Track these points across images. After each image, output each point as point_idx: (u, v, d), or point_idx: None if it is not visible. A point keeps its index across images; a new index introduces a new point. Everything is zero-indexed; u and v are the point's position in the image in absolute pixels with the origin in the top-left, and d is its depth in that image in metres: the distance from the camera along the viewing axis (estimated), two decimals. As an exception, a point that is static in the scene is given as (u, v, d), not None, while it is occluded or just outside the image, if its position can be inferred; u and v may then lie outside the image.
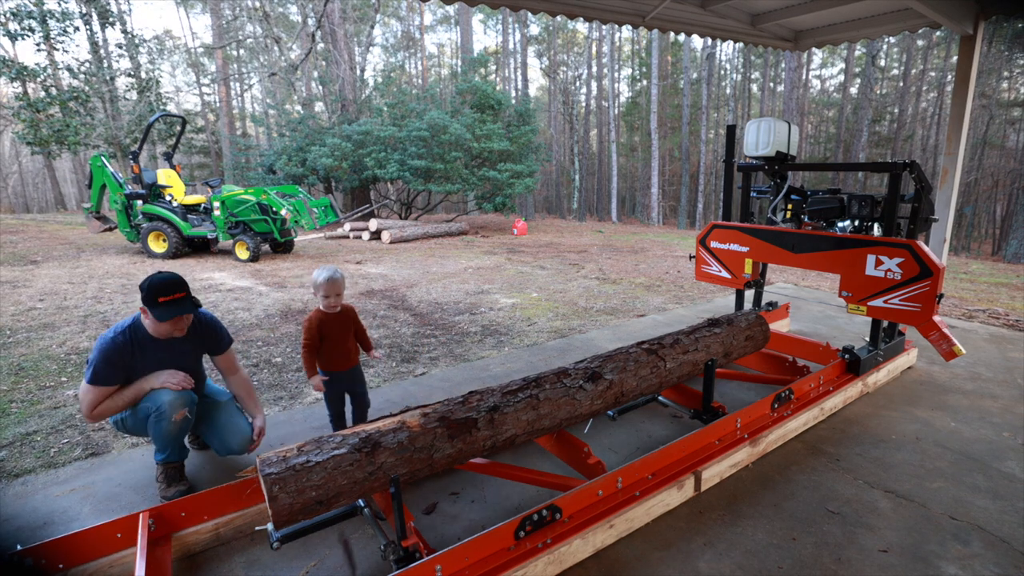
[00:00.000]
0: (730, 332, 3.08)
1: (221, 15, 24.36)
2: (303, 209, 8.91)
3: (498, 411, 2.12)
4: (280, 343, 4.61)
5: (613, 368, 2.51)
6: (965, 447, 2.78)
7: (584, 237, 13.98)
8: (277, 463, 1.71)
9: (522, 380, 2.35)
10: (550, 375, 2.40)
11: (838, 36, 5.26)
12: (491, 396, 2.19)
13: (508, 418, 2.13)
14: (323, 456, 1.75)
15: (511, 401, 2.18)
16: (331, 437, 1.85)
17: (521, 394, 2.23)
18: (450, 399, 2.18)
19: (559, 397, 2.29)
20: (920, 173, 3.16)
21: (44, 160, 23.09)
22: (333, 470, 1.74)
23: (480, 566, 1.79)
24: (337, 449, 1.78)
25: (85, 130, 16.12)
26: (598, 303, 6.02)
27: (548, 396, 2.27)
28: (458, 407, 2.09)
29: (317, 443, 1.82)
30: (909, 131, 26.66)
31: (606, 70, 27.80)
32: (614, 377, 2.48)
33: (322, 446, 1.80)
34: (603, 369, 2.48)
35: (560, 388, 2.32)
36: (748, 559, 1.99)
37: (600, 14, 4.33)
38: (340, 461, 1.76)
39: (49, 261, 8.72)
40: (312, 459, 1.73)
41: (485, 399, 2.17)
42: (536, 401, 2.23)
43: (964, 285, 7.48)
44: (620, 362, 2.56)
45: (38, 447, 2.86)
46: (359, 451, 1.80)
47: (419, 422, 1.97)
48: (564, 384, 2.34)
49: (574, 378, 2.39)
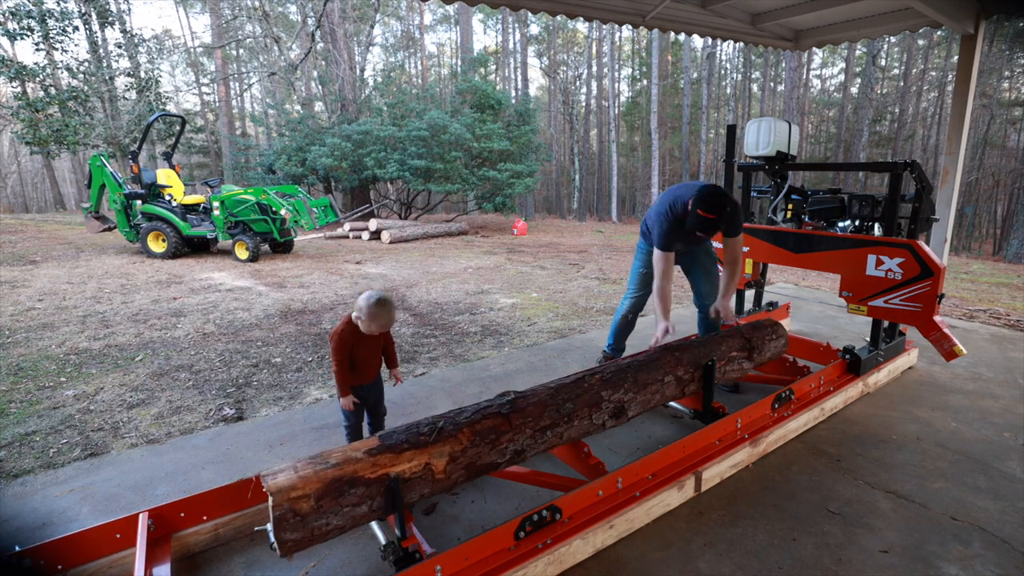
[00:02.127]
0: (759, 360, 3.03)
1: (220, 15, 24.33)
2: (303, 209, 8.90)
3: (522, 454, 2.06)
4: (280, 343, 4.60)
5: (641, 403, 2.44)
6: (966, 447, 2.77)
7: (584, 237, 13.97)
8: (295, 525, 1.57)
9: (555, 412, 2.16)
10: (583, 408, 2.24)
11: (839, 36, 5.25)
12: (521, 436, 2.04)
13: (527, 452, 2.08)
14: (343, 519, 1.66)
15: (539, 440, 2.09)
16: (352, 486, 1.67)
17: (550, 432, 2.12)
18: (480, 433, 1.96)
19: (582, 429, 2.25)
20: (921, 173, 3.15)
21: (43, 160, 23.10)
22: (349, 521, 1.69)
23: (480, 566, 1.79)
24: (357, 507, 1.69)
25: (84, 130, 16.10)
26: (598, 303, 6.02)
27: (572, 432, 2.22)
28: (487, 450, 1.96)
29: (336, 496, 1.64)
30: (910, 131, 26.65)
31: (606, 70, 27.79)
32: (635, 412, 2.43)
33: (341, 500, 1.64)
34: (630, 404, 2.39)
35: (586, 422, 2.25)
36: (748, 559, 1.99)
37: (600, 14, 4.32)
38: (358, 519, 1.71)
39: (48, 261, 8.71)
40: (332, 522, 1.64)
41: (516, 439, 2.02)
42: (559, 440, 2.17)
43: (965, 285, 7.47)
44: (649, 396, 2.47)
45: (37, 447, 2.86)
46: (380, 507, 1.74)
47: (445, 468, 1.85)
48: (591, 419, 2.27)
49: (600, 413, 2.30)
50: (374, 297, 2.25)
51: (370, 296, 2.25)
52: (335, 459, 1.71)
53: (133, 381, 3.78)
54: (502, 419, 2.02)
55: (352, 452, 1.75)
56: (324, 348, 4.44)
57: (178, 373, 3.93)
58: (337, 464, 1.69)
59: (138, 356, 4.28)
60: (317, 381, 3.77)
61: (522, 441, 2.04)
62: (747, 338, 2.95)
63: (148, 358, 4.24)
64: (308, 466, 1.67)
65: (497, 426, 2.00)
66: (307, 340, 4.68)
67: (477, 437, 1.94)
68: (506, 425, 2.01)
